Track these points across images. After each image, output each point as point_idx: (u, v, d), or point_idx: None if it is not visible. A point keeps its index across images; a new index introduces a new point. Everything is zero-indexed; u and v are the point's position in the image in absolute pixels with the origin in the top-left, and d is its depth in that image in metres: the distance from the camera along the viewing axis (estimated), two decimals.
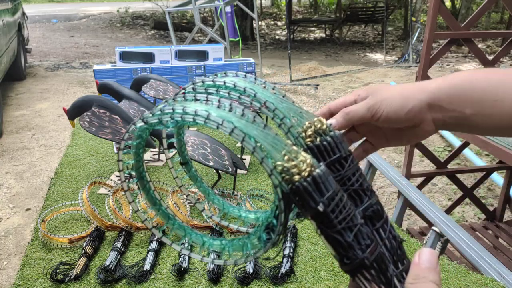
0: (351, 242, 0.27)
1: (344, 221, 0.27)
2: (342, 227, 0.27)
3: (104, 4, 17.36)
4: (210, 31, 4.32)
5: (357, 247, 0.27)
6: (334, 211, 0.27)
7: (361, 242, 0.27)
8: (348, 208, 0.27)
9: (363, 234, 0.27)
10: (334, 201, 0.27)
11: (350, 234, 0.27)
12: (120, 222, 1.06)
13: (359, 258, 0.27)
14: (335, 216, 0.27)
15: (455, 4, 11.64)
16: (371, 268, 0.27)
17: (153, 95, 1.58)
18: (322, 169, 0.27)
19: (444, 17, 2.01)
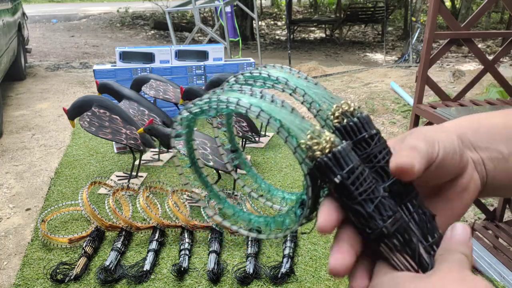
0: (372, 212, 0.28)
1: (365, 193, 0.28)
2: (362, 199, 0.28)
3: (104, 4, 17.36)
4: (210, 31, 4.32)
5: (378, 218, 0.28)
6: (355, 183, 0.28)
7: (382, 213, 0.28)
8: (370, 181, 0.29)
9: (385, 205, 0.29)
10: (354, 174, 0.28)
11: (371, 205, 0.28)
12: (120, 222, 1.06)
13: (379, 228, 0.28)
14: (355, 188, 0.28)
15: (455, 4, 11.64)
16: (394, 238, 0.28)
17: (153, 95, 1.58)
18: (343, 145, 0.29)
19: (444, 17, 2.01)
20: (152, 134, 1.22)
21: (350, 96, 4.63)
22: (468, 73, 5.58)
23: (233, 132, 0.44)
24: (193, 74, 2.00)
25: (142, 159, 1.44)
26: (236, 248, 1.04)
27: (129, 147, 1.30)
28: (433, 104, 2.12)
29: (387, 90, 4.99)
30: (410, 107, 4.18)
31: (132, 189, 1.28)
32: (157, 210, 1.17)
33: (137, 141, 1.29)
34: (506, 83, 2.27)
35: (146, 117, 1.44)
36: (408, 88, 5.02)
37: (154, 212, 1.08)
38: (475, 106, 2.10)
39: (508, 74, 4.28)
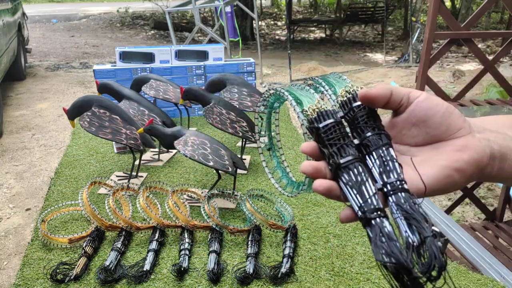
0: (332, 152, 0.38)
1: (332, 139, 0.39)
2: (329, 143, 0.39)
3: (104, 4, 17.36)
4: (210, 31, 4.31)
5: (337, 156, 0.38)
6: (326, 132, 0.39)
7: (342, 154, 0.38)
8: (339, 133, 0.39)
9: (346, 150, 0.38)
10: (327, 127, 0.40)
11: (334, 148, 0.38)
12: (120, 222, 1.06)
13: (335, 163, 0.38)
14: (326, 136, 0.39)
15: (455, 4, 11.64)
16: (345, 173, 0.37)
17: (153, 95, 1.58)
18: (327, 108, 0.41)
19: (444, 17, 2.01)
20: (152, 134, 1.22)
21: None
22: (468, 73, 5.58)
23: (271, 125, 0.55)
24: (193, 74, 2.00)
25: (142, 159, 1.44)
26: (236, 248, 1.04)
27: (129, 147, 1.30)
28: None
29: None
30: None
31: (132, 189, 1.28)
32: (157, 210, 1.17)
33: (137, 141, 1.29)
34: (506, 83, 2.27)
35: (146, 117, 1.44)
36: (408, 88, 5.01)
37: (154, 212, 1.08)
38: (475, 106, 2.10)
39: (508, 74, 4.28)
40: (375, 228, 0.34)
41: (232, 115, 1.38)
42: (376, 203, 0.35)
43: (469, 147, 0.39)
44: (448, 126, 0.40)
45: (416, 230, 0.33)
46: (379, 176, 0.38)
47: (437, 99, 0.41)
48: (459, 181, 0.39)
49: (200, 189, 1.28)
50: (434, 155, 0.40)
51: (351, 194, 0.37)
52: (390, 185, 0.36)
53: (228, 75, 1.60)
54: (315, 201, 1.26)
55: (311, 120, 0.41)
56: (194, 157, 1.12)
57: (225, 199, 1.24)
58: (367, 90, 0.40)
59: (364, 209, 0.35)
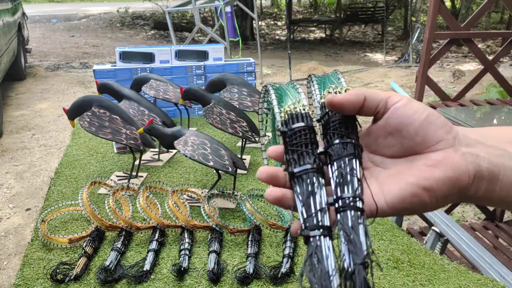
0: (291, 159, 0.37)
1: (294, 145, 0.37)
2: (290, 149, 0.37)
3: (104, 4, 17.36)
4: (210, 31, 4.31)
5: (293, 164, 0.36)
6: (291, 137, 0.38)
7: (300, 162, 0.36)
8: (305, 138, 0.37)
9: (304, 158, 0.36)
10: (294, 130, 0.38)
11: (295, 154, 0.37)
12: (120, 222, 1.06)
13: (289, 172, 0.36)
14: (290, 141, 0.38)
15: (455, 4, 11.64)
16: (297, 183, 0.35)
17: (153, 95, 1.58)
18: (300, 111, 0.39)
19: (444, 17, 2.01)
20: (152, 134, 1.22)
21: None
22: (468, 73, 5.58)
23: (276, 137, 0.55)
24: (193, 74, 2.00)
25: (142, 159, 1.44)
26: (236, 248, 1.04)
27: (129, 147, 1.30)
28: (433, 104, 2.12)
29: (387, 90, 4.99)
30: None
31: (132, 189, 1.28)
32: (157, 210, 1.17)
33: (137, 141, 1.29)
34: (506, 83, 2.27)
35: (146, 117, 1.44)
36: (408, 88, 5.02)
37: (154, 212, 1.08)
38: (475, 106, 2.10)
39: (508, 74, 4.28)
40: (311, 247, 0.32)
41: (232, 115, 1.38)
42: (321, 220, 0.33)
43: (445, 163, 0.34)
44: (425, 137, 0.35)
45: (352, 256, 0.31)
46: (335, 189, 0.35)
47: (417, 106, 0.36)
48: (428, 201, 0.34)
49: (200, 189, 1.28)
50: (405, 169, 0.36)
51: (299, 206, 0.34)
52: (341, 201, 0.34)
53: (228, 75, 1.60)
54: None
55: (282, 122, 0.39)
56: (194, 157, 1.12)
57: (225, 199, 1.24)
58: (334, 95, 0.37)
59: (306, 224, 0.33)
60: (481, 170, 0.34)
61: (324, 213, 0.33)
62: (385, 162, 0.38)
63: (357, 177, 0.35)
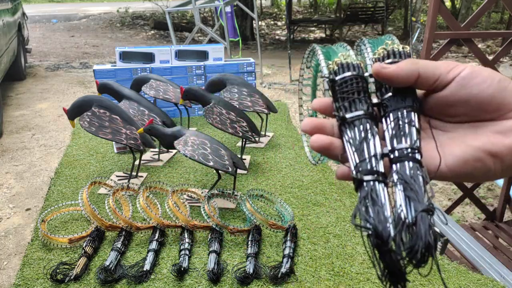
0: (341, 105, 0.35)
1: (345, 93, 0.35)
2: (340, 96, 0.35)
3: (104, 4, 17.36)
4: (210, 31, 4.31)
5: (343, 110, 0.35)
6: (342, 85, 0.36)
7: (351, 109, 0.34)
8: (356, 87, 0.35)
9: (357, 104, 0.35)
10: (344, 79, 0.36)
11: (346, 101, 0.35)
12: (120, 222, 1.06)
13: (340, 117, 0.35)
14: (341, 89, 0.36)
15: (455, 4, 11.63)
16: (350, 129, 0.34)
17: (153, 95, 1.58)
18: (350, 62, 0.37)
19: (444, 17, 2.01)
20: (152, 134, 1.22)
21: None
22: None
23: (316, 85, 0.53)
24: (193, 74, 2.00)
25: (142, 159, 1.44)
26: (236, 248, 1.04)
27: (129, 147, 1.30)
28: None
29: None
30: None
31: (132, 189, 1.28)
32: (157, 210, 1.17)
33: (137, 141, 1.29)
34: None
35: (146, 117, 1.44)
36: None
37: (154, 212, 1.08)
38: None
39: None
40: (364, 190, 0.30)
41: (232, 115, 1.38)
42: (375, 166, 0.31)
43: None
44: (498, 106, 0.32)
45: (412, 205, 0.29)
46: (390, 140, 0.33)
47: (486, 73, 0.33)
48: (493, 168, 0.32)
49: (200, 189, 1.28)
50: (469, 134, 0.33)
51: (350, 151, 0.33)
52: (398, 152, 0.32)
53: (228, 75, 1.60)
54: (315, 201, 1.26)
55: (330, 72, 0.37)
56: (194, 157, 1.12)
57: (225, 199, 1.24)
58: (383, 66, 0.34)
59: (359, 168, 0.31)
60: None
61: (379, 159, 0.32)
62: (446, 126, 0.35)
63: (416, 128, 0.33)
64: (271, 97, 4.82)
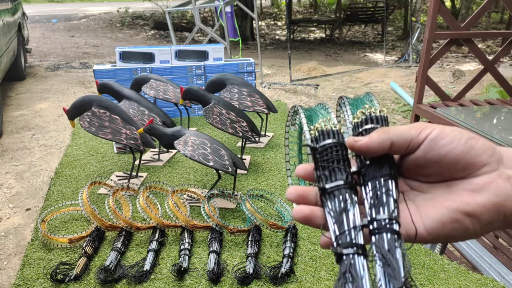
0: (322, 175, 0.35)
1: (325, 161, 0.36)
2: (321, 165, 0.36)
3: (104, 4, 17.36)
4: (210, 31, 4.31)
5: (323, 180, 0.35)
6: (322, 153, 0.36)
7: (332, 178, 0.35)
8: (336, 155, 0.36)
9: (336, 174, 0.35)
10: (325, 146, 0.36)
11: (326, 170, 0.35)
12: (120, 222, 1.06)
13: (320, 188, 0.35)
14: (321, 157, 0.36)
15: (455, 4, 11.63)
16: (329, 199, 0.34)
17: (153, 95, 1.58)
18: (331, 128, 0.38)
19: (444, 17, 2.01)
20: (152, 134, 1.22)
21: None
22: (468, 73, 5.58)
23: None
24: (193, 74, 2.00)
25: (142, 159, 1.44)
26: (236, 248, 1.04)
27: (129, 147, 1.30)
28: (433, 104, 2.12)
29: (387, 90, 4.99)
30: (410, 107, 4.18)
31: (132, 189, 1.28)
32: (157, 210, 1.17)
33: (137, 141, 1.29)
34: (506, 83, 2.27)
35: (146, 117, 1.44)
36: (408, 88, 5.02)
37: (154, 212, 1.08)
38: (475, 106, 2.10)
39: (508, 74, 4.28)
40: (344, 265, 0.30)
41: (232, 115, 1.38)
42: (355, 238, 0.32)
43: (488, 187, 0.32)
44: (467, 165, 0.33)
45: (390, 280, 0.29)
46: (369, 210, 0.33)
47: (453, 133, 0.34)
48: (472, 227, 0.32)
49: (200, 189, 1.28)
50: (443, 194, 0.34)
51: (331, 223, 0.33)
52: (377, 223, 0.32)
53: (228, 75, 1.60)
54: None
55: (312, 139, 0.38)
56: (194, 157, 1.12)
57: (225, 199, 1.24)
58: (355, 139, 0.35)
59: (339, 241, 0.32)
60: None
61: (358, 231, 0.32)
62: (422, 187, 0.36)
63: (393, 198, 0.33)
64: (271, 97, 4.82)
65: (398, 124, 3.89)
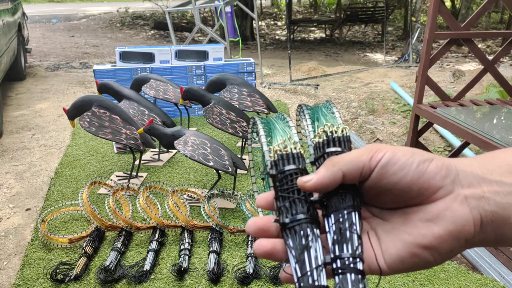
0: (282, 207, 0.33)
1: (285, 191, 0.34)
2: (280, 195, 0.34)
3: (104, 4, 17.36)
4: (210, 31, 4.32)
5: (284, 212, 0.33)
6: (282, 181, 0.34)
7: (292, 211, 0.33)
8: (295, 184, 0.33)
9: (297, 206, 0.33)
10: (284, 174, 0.34)
11: (286, 202, 0.33)
12: (120, 222, 1.06)
13: (280, 223, 0.33)
14: (281, 185, 0.34)
15: (455, 4, 11.63)
16: (291, 236, 0.32)
17: (153, 95, 1.58)
18: (292, 151, 0.35)
19: (444, 17, 2.01)
20: (152, 134, 1.22)
21: (350, 96, 4.63)
22: (468, 73, 5.58)
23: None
24: (193, 74, 2.00)
25: (142, 159, 1.44)
26: (236, 248, 1.04)
27: (129, 147, 1.30)
28: (433, 104, 2.12)
29: (387, 90, 4.99)
30: (410, 107, 4.18)
31: (132, 189, 1.28)
32: (157, 210, 1.17)
33: (137, 141, 1.29)
34: (506, 83, 2.27)
35: (146, 117, 1.44)
36: (408, 88, 5.01)
37: (154, 212, 1.08)
38: (475, 106, 2.10)
39: (508, 74, 4.28)
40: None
41: (232, 115, 1.38)
42: (317, 279, 0.30)
43: (443, 216, 0.31)
44: (420, 190, 0.31)
45: None
46: (332, 246, 0.32)
47: (404, 157, 0.32)
48: (432, 259, 0.31)
49: (200, 189, 1.28)
50: (400, 224, 0.33)
51: (293, 262, 0.31)
52: (340, 261, 0.31)
53: (228, 75, 1.60)
54: None
55: (271, 163, 0.35)
56: (194, 157, 1.12)
57: (225, 199, 1.24)
58: (303, 179, 0.33)
59: (301, 284, 0.30)
60: (486, 214, 0.30)
61: (321, 271, 0.31)
62: (382, 213, 0.35)
63: (357, 234, 0.32)
64: (271, 97, 4.82)
65: (398, 124, 3.90)
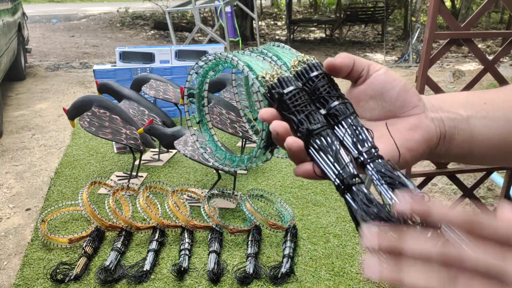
0: (301, 119, 0.36)
1: (298, 106, 0.37)
2: (296, 110, 0.37)
3: (104, 4, 17.36)
4: (210, 31, 4.31)
5: (306, 122, 0.36)
6: (291, 99, 0.37)
7: (310, 120, 0.36)
8: (304, 100, 0.37)
9: (314, 116, 0.36)
10: (292, 93, 0.37)
11: (302, 114, 0.36)
12: (120, 222, 1.06)
13: (306, 129, 0.36)
14: (291, 102, 0.37)
15: (455, 4, 11.63)
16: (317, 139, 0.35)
17: (153, 95, 1.58)
18: (286, 75, 0.39)
19: (444, 17, 2.01)
20: (152, 134, 1.22)
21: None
22: (468, 73, 5.58)
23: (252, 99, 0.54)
24: None
25: (142, 159, 1.44)
26: (236, 248, 1.04)
27: (129, 147, 1.30)
28: None
29: None
30: None
31: (132, 189, 1.28)
32: (157, 210, 1.17)
33: (137, 141, 1.29)
34: (506, 83, 2.26)
35: (146, 117, 1.44)
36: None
37: (154, 212, 1.08)
38: None
39: (508, 74, 4.28)
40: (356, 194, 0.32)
41: (232, 115, 1.38)
42: (353, 170, 0.34)
43: (421, 126, 0.39)
44: (404, 102, 0.40)
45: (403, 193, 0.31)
46: (353, 145, 0.36)
47: (395, 74, 0.41)
48: (409, 160, 0.39)
49: (200, 189, 1.28)
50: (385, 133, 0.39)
51: (326, 161, 0.35)
52: (366, 154, 0.35)
53: (228, 75, 1.60)
54: (315, 201, 1.26)
55: (272, 86, 0.38)
56: (194, 157, 1.12)
57: (225, 199, 1.24)
58: (332, 59, 0.40)
59: (343, 175, 0.34)
60: (443, 132, 0.40)
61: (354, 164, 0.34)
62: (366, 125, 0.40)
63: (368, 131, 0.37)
64: None
65: None
